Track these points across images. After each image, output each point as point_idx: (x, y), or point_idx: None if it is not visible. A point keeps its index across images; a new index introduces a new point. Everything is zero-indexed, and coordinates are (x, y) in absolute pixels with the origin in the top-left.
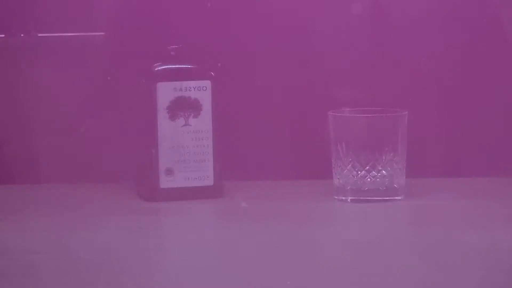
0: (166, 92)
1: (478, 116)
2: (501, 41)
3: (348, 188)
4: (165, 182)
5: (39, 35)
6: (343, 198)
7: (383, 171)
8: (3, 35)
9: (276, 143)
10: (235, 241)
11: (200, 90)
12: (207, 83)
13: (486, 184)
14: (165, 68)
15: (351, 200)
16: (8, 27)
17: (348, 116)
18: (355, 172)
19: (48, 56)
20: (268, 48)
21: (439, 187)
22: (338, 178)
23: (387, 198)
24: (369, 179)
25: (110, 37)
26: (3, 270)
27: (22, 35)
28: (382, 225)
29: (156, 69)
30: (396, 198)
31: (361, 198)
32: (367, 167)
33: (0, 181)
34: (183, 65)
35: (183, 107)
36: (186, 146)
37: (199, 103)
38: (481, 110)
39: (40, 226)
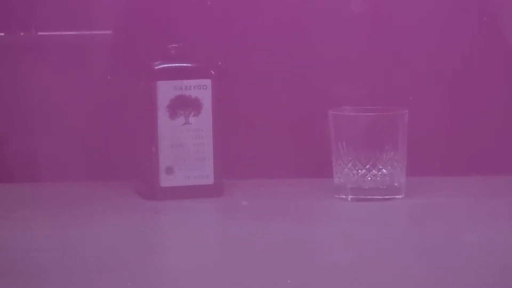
0: (166, 90)
1: (479, 114)
2: (501, 40)
3: (349, 186)
4: (165, 181)
5: (39, 33)
6: (344, 196)
7: (384, 170)
8: (2, 34)
9: (277, 141)
10: (235, 239)
11: (200, 89)
12: (208, 82)
13: (487, 182)
14: (165, 66)
15: (352, 198)
16: (8, 26)
17: (349, 115)
18: (355, 171)
19: (48, 55)
20: (268, 46)
21: (439, 186)
22: (339, 177)
23: (388, 196)
24: (369, 178)
25: (110, 35)
26: (3, 268)
27: (22, 33)
28: (383, 223)
29: (156, 67)
30: (396, 196)
31: (362, 196)
32: (368, 166)
33: (0, 180)
34: (184, 63)
35: (184, 105)
36: (186, 145)
37: (200, 101)
38: (481, 108)
39: (40, 224)
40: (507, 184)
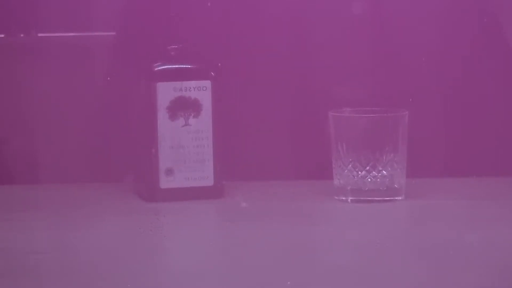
0: (166, 92)
1: (479, 115)
2: (501, 41)
3: (349, 188)
4: (165, 182)
5: (39, 35)
6: (344, 198)
7: (384, 171)
8: (3, 35)
9: (276, 143)
10: (235, 241)
11: (200, 90)
12: (207, 83)
13: (487, 184)
14: (165, 68)
15: (352, 200)
16: (8, 27)
17: (349, 116)
18: (355, 172)
19: (48, 56)
20: (268, 48)
21: (440, 187)
22: (339, 179)
23: (388, 198)
24: (369, 179)
25: (110, 36)
26: (3, 270)
27: (22, 35)
28: (383, 225)
29: (156, 69)
30: (396, 198)
31: (362, 198)
32: (368, 167)
33: (0, 181)
34: (183, 65)
35: (183, 107)
36: (186, 146)
37: (199, 103)
38: (481, 110)
39: (40, 226)
40: (507, 186)
